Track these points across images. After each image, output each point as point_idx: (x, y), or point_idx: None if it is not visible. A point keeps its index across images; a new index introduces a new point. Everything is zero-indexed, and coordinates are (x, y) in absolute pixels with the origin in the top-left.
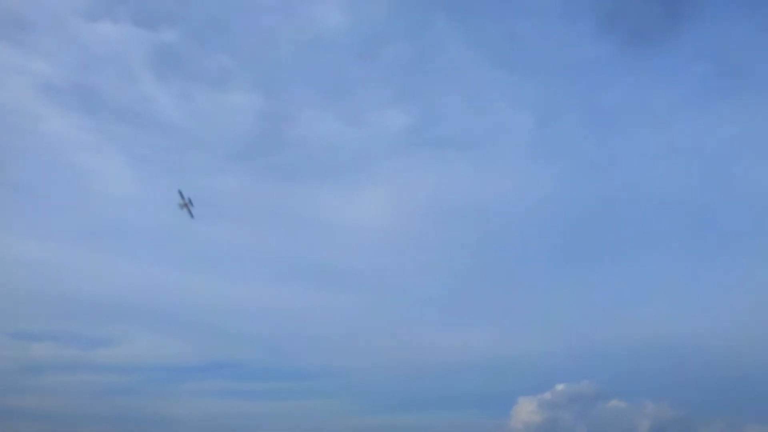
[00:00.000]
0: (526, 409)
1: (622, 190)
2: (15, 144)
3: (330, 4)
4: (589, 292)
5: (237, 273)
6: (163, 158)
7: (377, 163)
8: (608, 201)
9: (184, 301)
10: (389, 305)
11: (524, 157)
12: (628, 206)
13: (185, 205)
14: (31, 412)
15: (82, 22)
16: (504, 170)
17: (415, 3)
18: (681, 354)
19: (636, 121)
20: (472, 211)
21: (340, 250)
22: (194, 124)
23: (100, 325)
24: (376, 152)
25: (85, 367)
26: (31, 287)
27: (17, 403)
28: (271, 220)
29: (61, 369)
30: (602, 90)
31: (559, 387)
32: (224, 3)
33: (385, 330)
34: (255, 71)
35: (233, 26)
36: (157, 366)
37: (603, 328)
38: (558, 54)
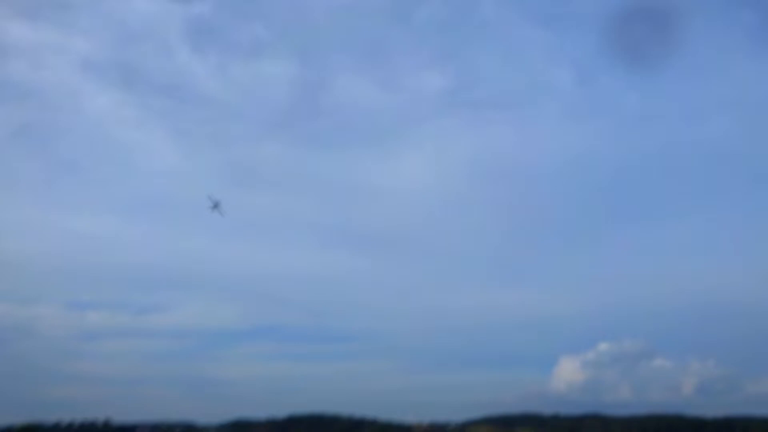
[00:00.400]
0: (568, 369)
1: (669, 145)
2: (61, 122)
3: None
4: (634, 251)
5: (280, 240)
6: (202, 130)
7: (416, 127)
8: (654, 157)
9: (230, 269)
10: (432, 268)
11: (565, 114)
12: (675, 161)
13: (215, 206)
14: (89, 376)
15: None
16: (545, 129)
17: None
18: (728, 311)
19: (681, 73)
20: (513, 171)
21: (381, 214)
22: (231, 95)
23: (150, 293)
24: (415, 116)
25: (137, 333)
26: (82, 259)
27: (75, 368)
28: (312, 187)
29: (115, 335)
30: (644, 42)
31: (602, 346)
32: None
33: (428, 292)
34: (289, 39)
35: None
36: (207, 331)
37: (648, 287)
38: (597, 7)
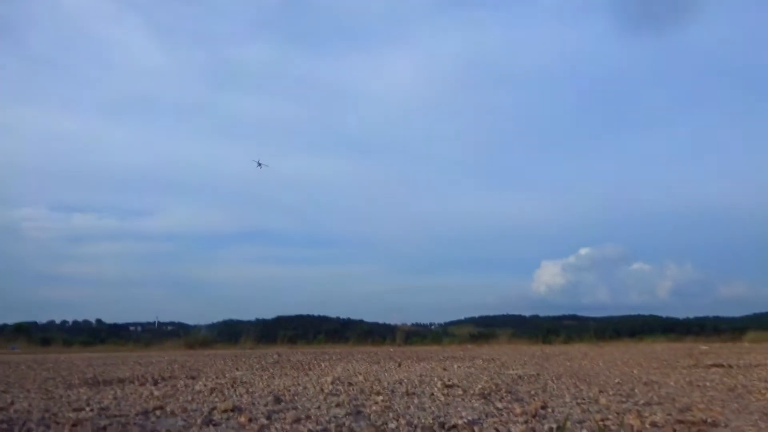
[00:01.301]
0: (549, 272)
1: (669, 46)
2: (33, 15)
3: None
4: (619, 157)
5: (266, 143)
6: (186, 27)
7: (405, 27)
8: (650, 60)
9: (217, 172)
10: (418, 173)
11: (564, 15)
12: (673, 64)
13: (259, 165)
14: (78, 278)
15: None
16: (541, 31)
17: None
18: (708, 217)
19: None
20: (505, 75)
21: (369, 118)
22: None
23: (137, 196)
24: (404, 15)
25: (125, 236)
26: (65, 160)
27: (64, 269)
28: (298, 89)
29: (102, 238)
30: None
31: (583, 251)
32: None
33: (415, 197)
34: None
35: None
36: (195, 234)
37: (630, 193)
38: None
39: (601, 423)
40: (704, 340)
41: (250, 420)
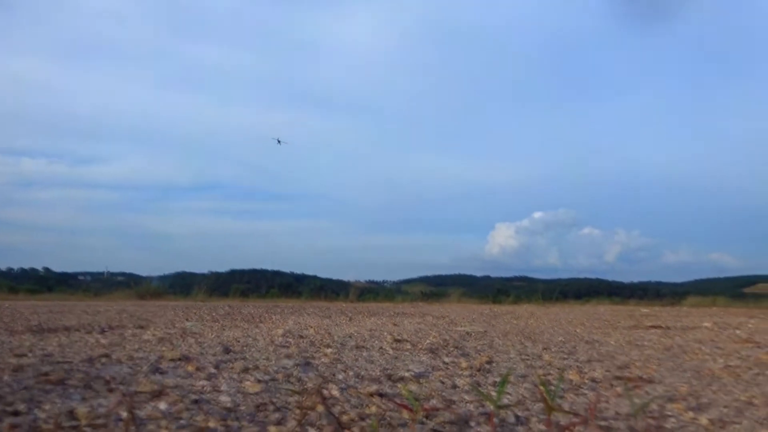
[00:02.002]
0: (503, 234)
1: (630, 15)
2: None
3: None
4: (576, 124)
5: (227, 95)
6: None
7: None
8: (610, 29)
9: (175, 122)
10: (378, 130)
11: None
12: (633, 34)
13: (278, 142)
14: (26, 224)
15: None
16: None
17: None
18: (658, 186)
19: None
20: (470, 34)
21: (330, 72)
22: None
23: (90, 142)
24: None
25: (76, 183)
26: (14, 103)
27: (11, 215)
28: (262, 41)
29: (52, 185)
30: None
31: (537, 214)
32: None
33: (373, 155)
34: None
35: None
36: (148, 184)
37: (585, 159)
38: None
39: (543, 377)
40: (646, 304)
41: (198, 369)
